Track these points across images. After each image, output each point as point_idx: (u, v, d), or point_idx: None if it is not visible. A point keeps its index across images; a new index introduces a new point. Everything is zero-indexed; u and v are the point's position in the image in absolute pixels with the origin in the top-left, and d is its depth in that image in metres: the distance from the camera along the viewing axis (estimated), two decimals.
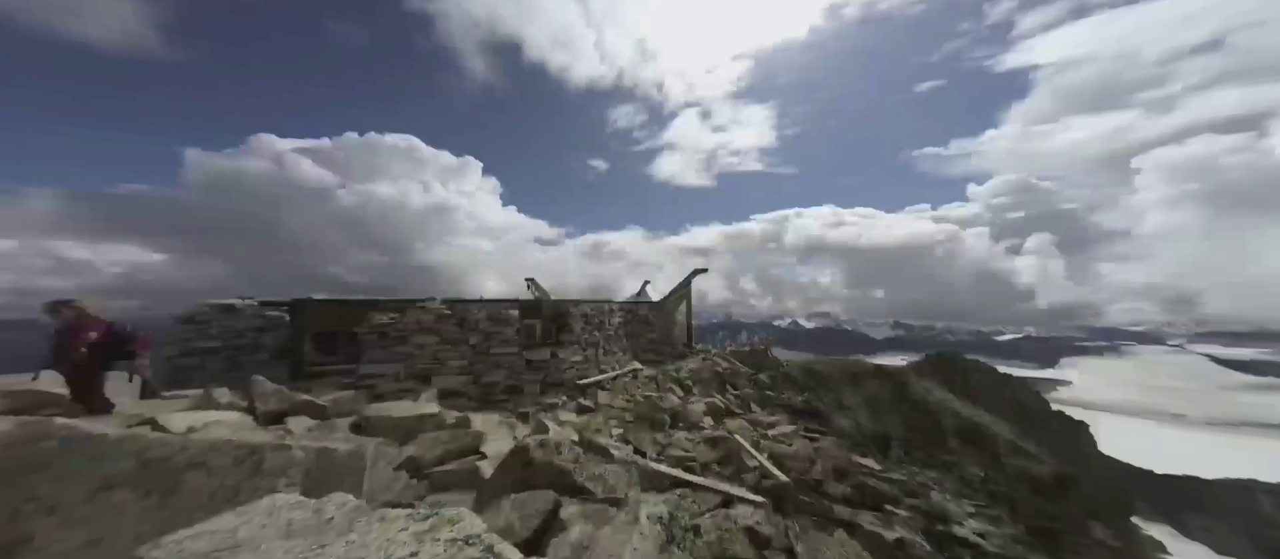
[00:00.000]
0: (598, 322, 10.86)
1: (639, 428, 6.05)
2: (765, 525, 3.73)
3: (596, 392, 8.19)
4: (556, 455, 3.51)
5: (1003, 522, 6.65)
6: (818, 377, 14.32)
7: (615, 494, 3.46)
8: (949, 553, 4.24)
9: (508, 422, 5.75)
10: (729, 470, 5.12)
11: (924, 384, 20.50)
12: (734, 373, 10.65)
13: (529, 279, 16.68)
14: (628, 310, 12.67)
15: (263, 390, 4.47)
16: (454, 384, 8.03)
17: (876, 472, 6.44)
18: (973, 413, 19.61)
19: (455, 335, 8.40)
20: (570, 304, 10.31)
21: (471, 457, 3.89)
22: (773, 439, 6.46)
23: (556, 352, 9.17)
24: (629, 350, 11.75)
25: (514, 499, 2.75)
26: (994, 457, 15.42)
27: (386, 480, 3.17)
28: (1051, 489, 14.79)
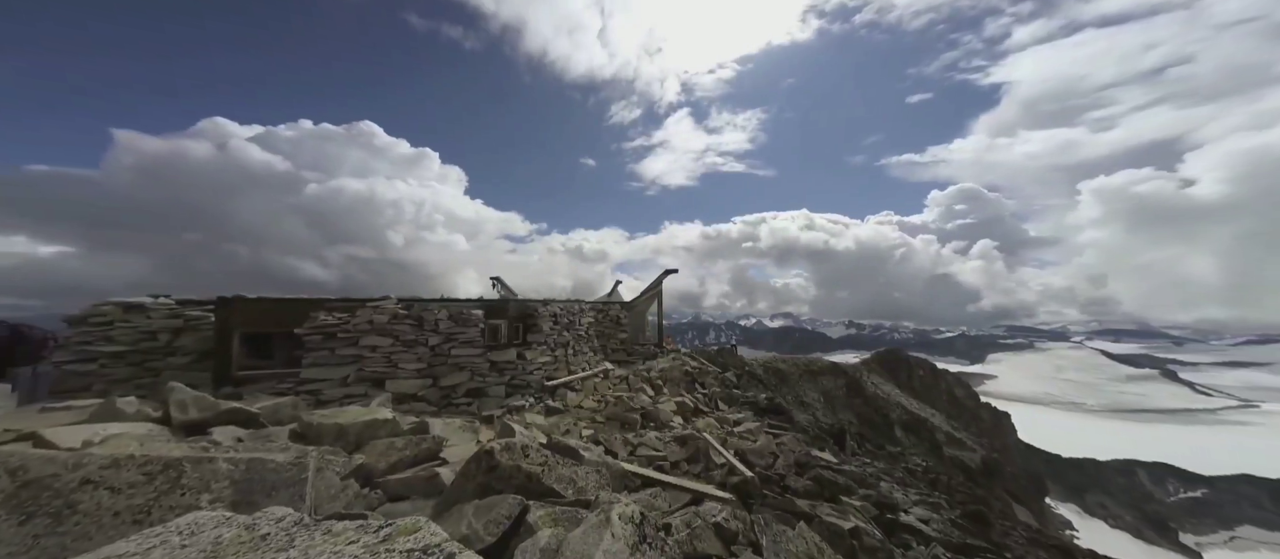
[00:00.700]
0: (567, 322, 10.66)
1: (610, 428, 5.98)
2: (732, 521, 3.80)
3: (566, 393, 8.02)
4: (524, 459, 3.39)
5: (942, 507, 7.23)
6: (780, 374, 14.98)
7: (586, 496, 3.39)
8: (897, 539, 4.53)
9: (470, 426, 5.48)
10: (698, 468, 5.19)
11: (874, 379, 22.04)
12: (703, 372, 10.85)
13: (494, 278, 16.13)
14: (599, 310, 12.54)
15: (180, 398, 3.94)
16: (411, 387, 7.55)
17: (833, 464, 6.80)
18: (916, 406, 21.34)
19: (412, 336, 7.91)
20: (538, 304, 10.04)
21: (431, 463, 3.65)
22: (739, 436, 6.63)
23: (523, 352, 8.89)
24: (599, 351, 11.64)
25: (477, 505, 2.60)
26: (934, 446, 16.85)
27: (334, 491, 2.90)
28: (981, 475, 16.37)
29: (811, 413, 11.73)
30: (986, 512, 8.58)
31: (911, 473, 10.19)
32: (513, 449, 3.46)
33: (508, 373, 8.45)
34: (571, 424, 6.11)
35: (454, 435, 4.82)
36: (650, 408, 6.99)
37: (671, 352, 13.02)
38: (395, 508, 3.06)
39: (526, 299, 10.92)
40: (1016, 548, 6.81)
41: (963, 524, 6.62)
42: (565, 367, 9.68)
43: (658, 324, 13.72)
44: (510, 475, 3.19)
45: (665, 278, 13.40)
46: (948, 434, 18.46)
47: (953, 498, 8.95)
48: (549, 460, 3.61)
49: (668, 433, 6.04)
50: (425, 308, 8.20)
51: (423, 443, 3.78)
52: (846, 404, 15.98)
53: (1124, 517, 46.49)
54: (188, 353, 6.73)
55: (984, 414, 31.05)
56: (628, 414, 6.59)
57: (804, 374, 16.13)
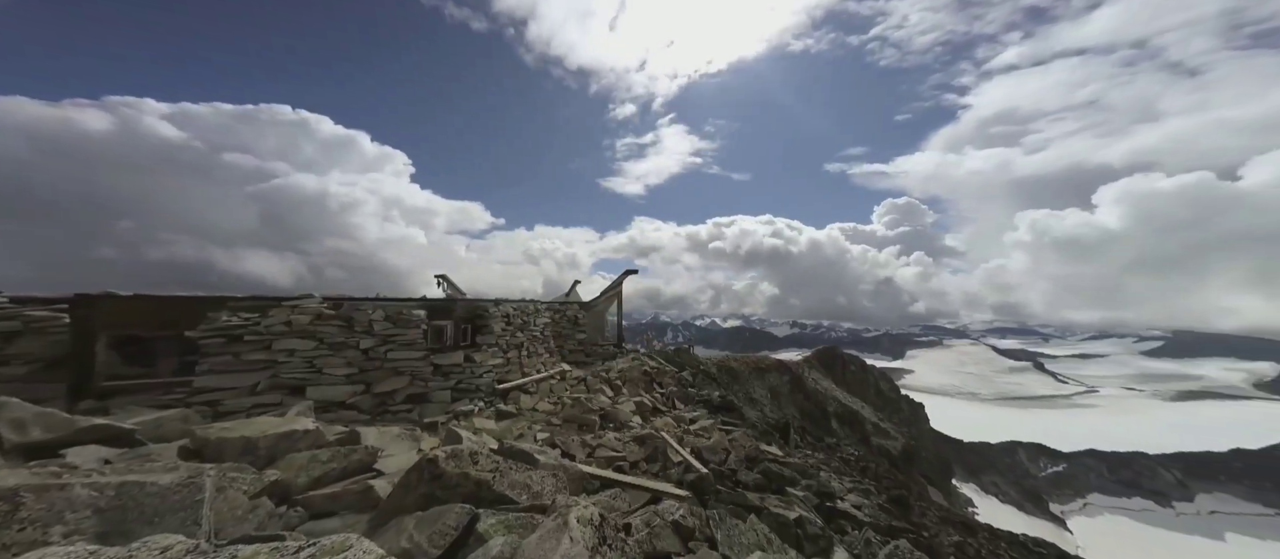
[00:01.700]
0: (521, 322, 10.20)
1: (567, 430, 5.80)
2: (690, 518, 3.85)
3: (519, 396, 7.65)
4: (472, 466, 3.16)
5: (871, 493, 7.93)
6: (732, 373, 15.64)
7: (542, 501, 3.24)
8: (835, 526, 4.84)
9: (411, 434, 5.00)
10: (657, 467, 5.20)
11: (814, 375, 23.86)
12: (661, 372, 10.96)
13: (440, 276, 15.06)
14: (556, 311, 12.17)
15: (15, 416, 3.14)
16: (338, 395, 6.74)
17: (779, 457, 7.19)
18: (849, 399, 23.43)
19: (340, 339, 7.08)
20: (489, 304, 9.51)
21: (363, 475, 3.27)
22: (695, 433, 6.77)
23: (472, 355, 8.34)
24: (556, 352, 11.29)
25: (419, 517, 2.37)
26: (863, 436, 18.59)
27: (241, 512, 2.47)
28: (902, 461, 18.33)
29: (760, 409, 12.38)
30: (907, 495, 9.60)
31: (846, 462, 11.11)
32: (459, 456, 3.21)
33: (454, 376, 7.88)
34: (526, 428, 5.83)
35: (391, 445, 4.37)
36: (609, 409, 6.90)
37: (630, 352, 13.01)
38: (320, 526, 2.68)
39: (476, 299, 10.30)
40: (931, 526, 7.67)
41: (888, 508, 7.31)
42: (519, 369, 9.26)
43: (617, 324, 13.66)
44: (457, 484, 2.96)
45: (625, 278, 13.39)
46: (875, 424, 20.53)
47: (880, 484, 9.89)
48: (501, 466, 3.40)
49: (627, 433, 6.00)
50: (356, 308, 7.39)
51: (353, 454, 3.37)
52: (790, 399, 17.13)
53: (1010, 492, 54.77)
54: (28, 361, 5.39)
55: (903, 405, 34.97)
56: (586, 416, 6.45)
57: (753, 372, 17.03)
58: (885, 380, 35.73)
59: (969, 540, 8.39)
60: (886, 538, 4.60)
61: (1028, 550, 9.86)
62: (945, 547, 6.64)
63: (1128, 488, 73.09)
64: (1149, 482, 73.90)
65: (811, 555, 3.91)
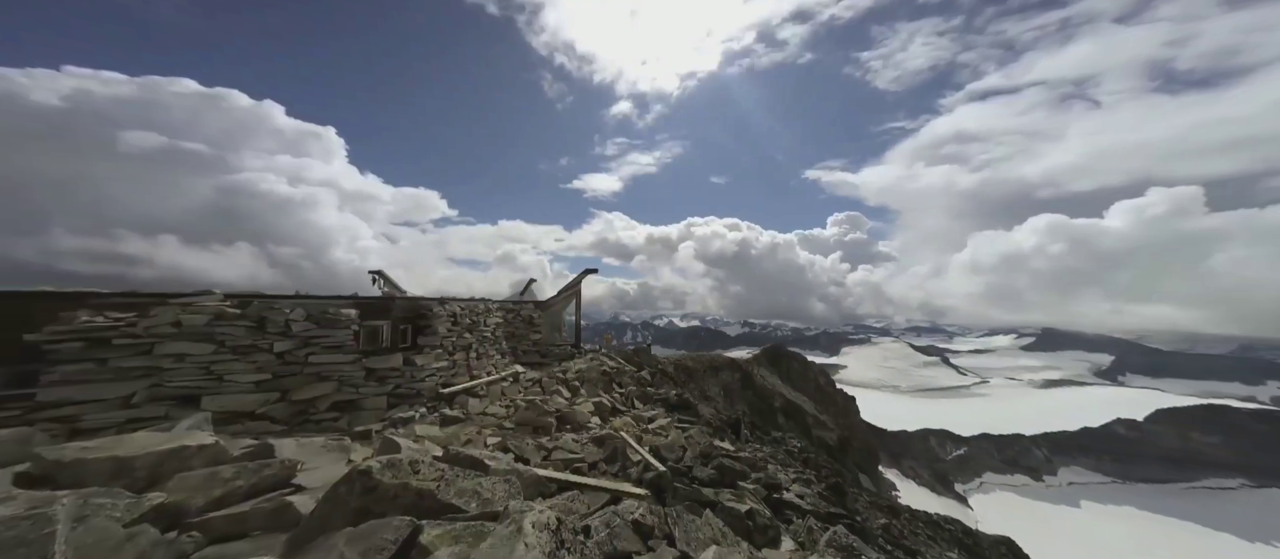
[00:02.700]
0: (470, 322, 9.58)
1: (521, 434, 5.52)
2: (649, 516, 3.84)
3: (467, 400, 7.15)
4: (412, 475, 2.89)
5: (812, 483, 8.50)
6: (688, 371, 16.02)
7: (493, 508, 3.04)
8: (782, 516, 5.09)
9: (339, 445, 4.45)
10: (616, 467, 5.13)
11: (762, 372, 25.21)
12: (620, 372, 10.87)
13: (375, 272, 13.73)
14: (509, 310, 11.60)
15: None
16: (245, 404, 5.82)
17: (732, 452, 7.46)
18: (792, 394, 25.06)
19: (249, 342, 6.14)
20: (433, 302, 8.81)
21: (279, 492, 2.83)
22: (653, 432, 6.79)
23: (412, 357, 7.67)
24: (509, 353, 10.75)
25: (351, 533, 2.10)
26: (805, 429, 19.98)
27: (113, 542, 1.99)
28: (838, 451, 19.95)
29: (714, 406, 12.78)
30: (843, 483, 10.44)
31: (790, 454, 11.83)
32: (397, 466, 2.93)
33: (391, 381, 7.17)
34: (475, 433, 5.45)
35: (314, 457, 3.85)
36: (567, 410, 6.69)
37: (589, 352, 12.77)
38: (227, 550, 2.26)
39: (417, 297, 9.50)
40: (863, 511, 8.40)
41: (827, 495, 7.87)
42: (466, 371, 8.68)
43: (576, 324, 13.34)
44: (395, 495, 2.68)
45: (585, 278, 13.13)
46: (815, 417, 22.17)
47: (819, 473, 10.66)
48: (446, 474, 3.16)
49: (585, 434, 5.85)
50: (270, 306, 6.45)
51: (265, 469, 2.90)
52: (741, 396, 17.94)
53: (924, 475, 62.06)
54: None
55: (838, 398, 38.18)
56: (541, 418, 6.19)
57: (708, 370, 17.59)
58: (823, 376, 38.76)
59: (894, 522, 9.33)
60: (826, 524, 4.91)
61: (939, 528, 11.22)
62: (875, 529, 7.30)
63: (1011, 466, 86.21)
64: (1025, 460, 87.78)
65: (762, 545, 4.07)
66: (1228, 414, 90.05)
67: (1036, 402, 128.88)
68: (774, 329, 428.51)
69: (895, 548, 6.81)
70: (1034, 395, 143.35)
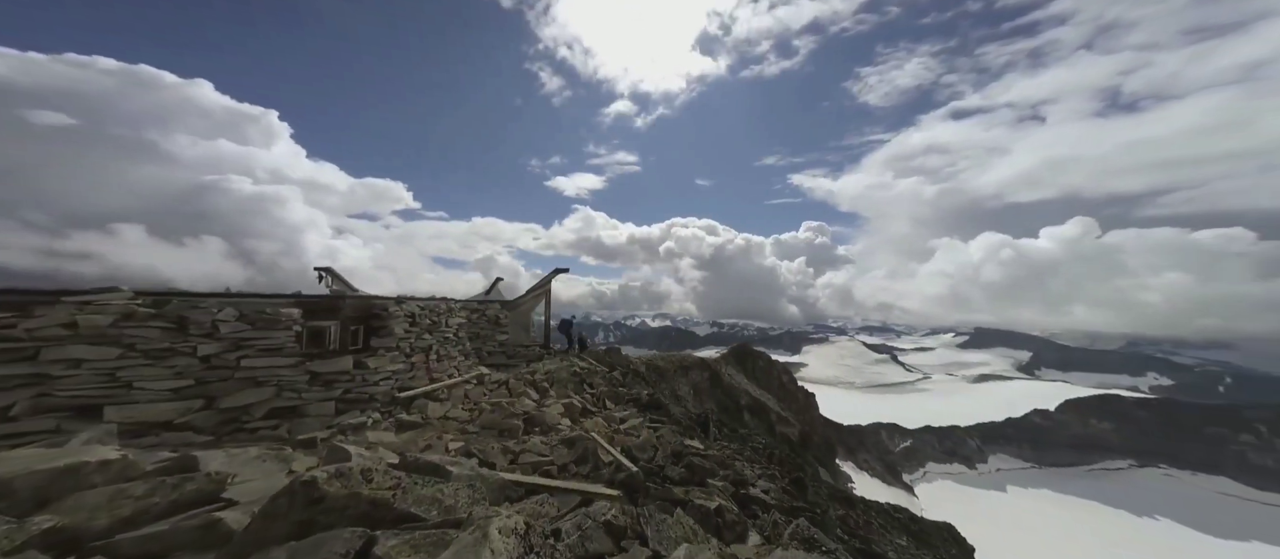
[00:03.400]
0: (429, 323, 9.03)
1: (486, 438, 5.25)
2: (621, 517, 3.78)
3: (426, 404, 6.72)
4: (365, 484, 2.65)
5: (776, 478, 8.78)
6: (659, 371, 16.07)
7: (456, 515, 2.85)
8: (748, 511, 5.19)
9: (278, 454, 4.00)
10: (587, 468, 5.01)
11: (729, 371, 25.85)
12: (592, 372, 10.68)
13: (322, 268, 12.64)
14: (474, 310, 11.05)
15: None
16: (160, 414, 5.12)
17: (701, 451, 7.54)
18: (758, 392, 25.89)
19: (166, 345, 5.41)
20: (389, 301, 8.22)
21: (206, 508, 2.48)
22: (625, 432, 6.72)
23: (365, 360, 7.10)
24: (472, 355, 10.24)
25: (294, 548, 1.88)
26: (769, 426, 20.69)
27: None
28: (799, 446, 20.82)
29: (684, 405, 12.88)
30: (804, 477, 10.86)
31: (756, 451, 12.18)
32: (347, 475, 2.68)
33: (340, 386, 6.59)
34: (434, 438, 5.12)
35: (248, 469, 3.43)
36: (535, 412, 6.45)
37: (559, 352, 12.44)
38: None
39: (371, 295, 8.82)
40: (822, 503, 8.78)
41: (789, 490, 8.15)
42: (426, 374, 8.16)
43: (545, 324, 12.94)
44: (345, 506, 2.43)
45: (555, 277, 12.78)
46: (778, 414, 23.02)
47: (782, 468, 11.04)
48: (403, 482, 2.93)
49: (555, 436, 5.67)
50: (193, 305, 5.72)
51: (186, 484, 2.53)
52: (710, 394, 18.27)
53: (876, 466, 66.31)
54: None
55: (799, 395, 39.92)
56: (507, 421, 5.93)
57: (678, 370, 17.76)
58: (786, 374, 40.40)
59: (850, 513, 9.85)
60: (789, 518, 5.04)
61: (890, 516, 12.00)
62: (833, 520, 7.64)
63: (949, 456, 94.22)
64: (961, 449, 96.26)
65: (731, 541, 4.11)
66: (1118, 403, 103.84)
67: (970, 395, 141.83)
68: (741, 329, 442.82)
69: (851, 537, 7.16)
70: (968, 389, 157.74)
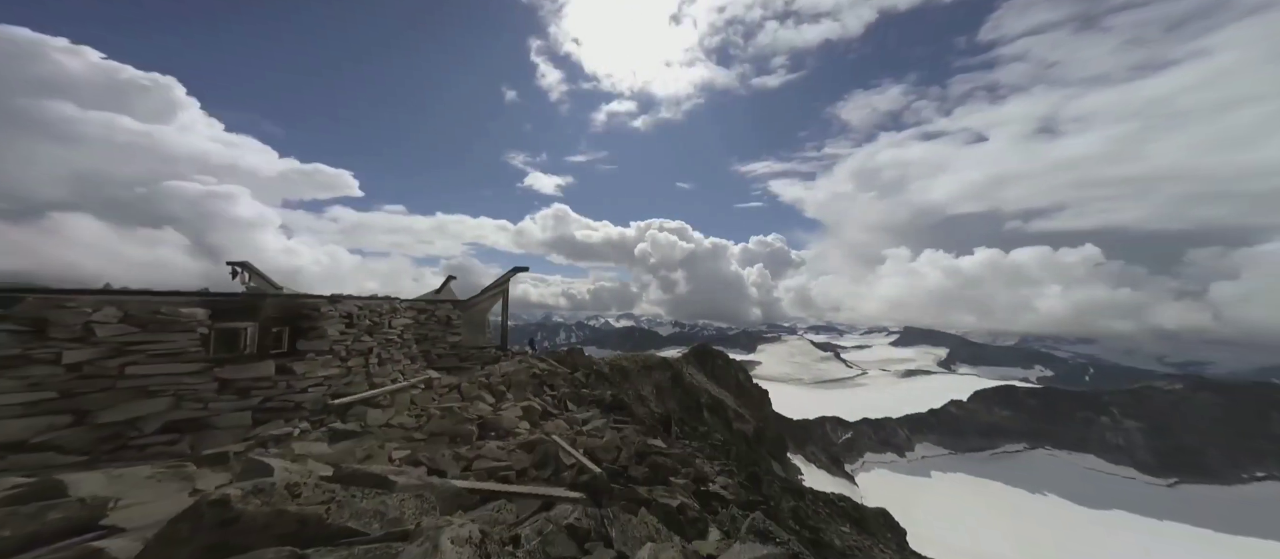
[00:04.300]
0: (370, 324, 8.23)
1: (436, 445, 4.86)
2: (585, 519, 3.69)
3: (365, 411, 6.09)
4: (292, 500, 2.35)
5: (734, 473, 9.05)
6: (623, 371, 15.96)
7: (402, 527, 2.61)
8: (709, 507, 5.28)
9: (178, 473, 3.41)
10: (548, 472, 4.82)
11: (690, 370, 26.36)
12: (552, 374, 10.32)
13: (237, 263, 11.11)
14: (422, 310, 10.24)
15: None
16: (10, 433, 4.16)
17: (663, 450, 7.58)
18: (717, 390, 26.67)
19: (15, 351, 4.44)
20: (321, 301, 7.39)
21: (80, 538, 2.03)
22: (588, 434, 6.58)
23: (291, 365, 6.31)
24: (420, 358, 9.47)
25: None
26: (727, 422, 21.37)
27: None
28: (754, 441, 21.70)
29: (647, 405, 12.90)
30: (759, 472, 11.31)
31: (715, 447, 12.49)
32: (268, 491, 2.35)
33: (258, 394, 5.78)
34: (376, 448, 4.66)
35: (138, 491, 2.88)
36: (491, 416, 6.10)
37: (519, 354, 11.86)
38: None
39: (298, 294, 7.86)
40: (776, 496, 9.19)
41: (746, 484, 8.43)
42: (365, 379, 7.42)
43: (502, 325, 12.27)
44: (266, 524, 2.12)
45: (514, 275, 12.19)
46: (735, 411, 23.86)
47: (739, 464, 11.41)
48: (338, 495, 2.64)
49: (512, 440, 5.40)
50: (58, 305, 4.74)
51: (49, 511, 2.06)
52: (672, 394, 18.49)
53: (822, 458, 70.95)
54: None
55: (754, 392, 41.69)
56: (460, 427, 5.55)
57: (641, 370, 17.76)
58: (742, 372, 42.05)
59: (801, 504, 10.40)
60: (746, 512, 5.19)
61: (834, 505, 12.84)
62: (786, 512, 8.01)
63: (883, 445, 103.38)
64: (893, 439, 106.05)
65: (693, 538, 4.16)
66: (1013, 393, 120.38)
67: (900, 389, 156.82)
68: (701, 329, 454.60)
69: (802, 527, 7.54)
70: (898, 384, 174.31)
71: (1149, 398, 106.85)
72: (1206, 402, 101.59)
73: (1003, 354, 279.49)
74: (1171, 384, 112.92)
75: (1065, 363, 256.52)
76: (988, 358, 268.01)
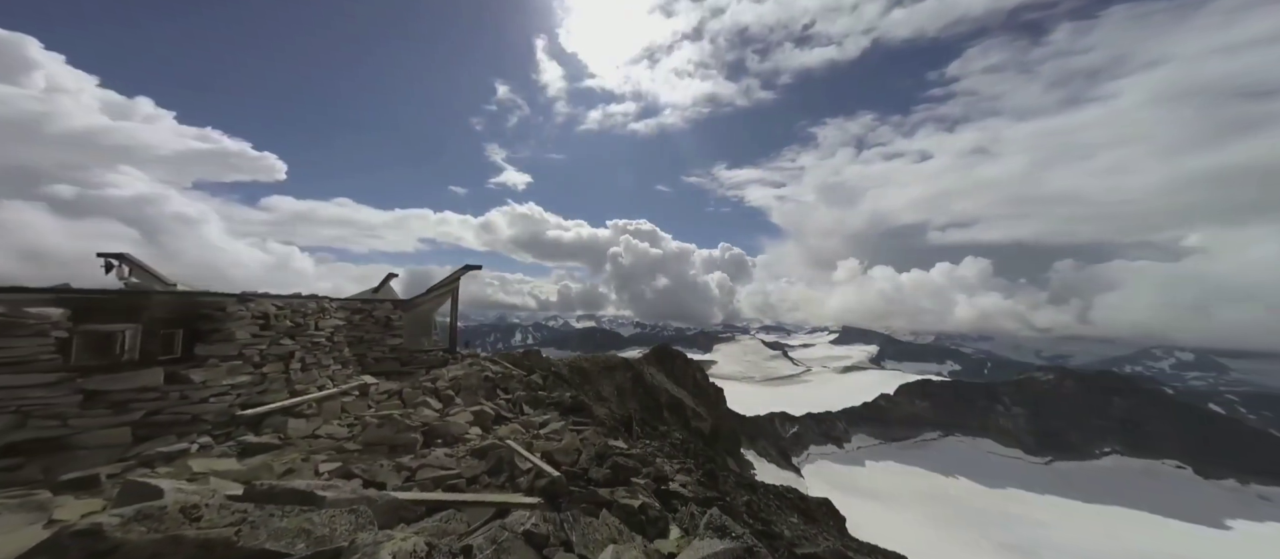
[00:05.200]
0: (292, 326, 7.25)
1: (373, 455, 4.37)
2: (543, 524, 3.53)
3: (285, 421, 5.33)
4: (190, 523, 2.01)
5: (692, 471, 9.19)
6: (583, 372, 15.59)
7: (332, 545, 2.31)
8: (669, 505, 5.29)
9: (26, 501, 2.72)
10: (502, 478, 4.54)
11: (651, 370, 26.52)
12: (507, 376, 9.76)
13: (112, 256, 9.30)
14: (357, 310, 9.22)
15: None
16: None
17: (625, 450, 7.50)
18: (676, 390, 27.07)
19: None
20: (228, 299, 6.38)
21: None
22: (545, 437, 6.32)
23: (187, 373, 5.37)
24: (354, 362, 8.52)
25: None
26: (685, 421, 21.76)
27: None
28: (711, 439, 22.30)
29: (608, 406, 12.71)
30: (716, 468, 11.60)
31: (674, 446, 12.63)
32: (156, 516, 1.99)
33: (140, 406, 4.85)
34: (299, 461, 4.09)
35: None
36: (437, 423, 5.63)
37: (470, 357, 11.05)
38: None
39: (194, 291, 6.72)
40: (731, 492, 9.48)
41: (704, 481, 8.60)
42: (285, 387, 6.52)
43: (450, 326, 11.37)
44: (155, 554, 1.78)
45: (464, 273, 11.37)
46: (693, 410, 24.38)
47: (697, 462, 11.63)
48: (252, 516, 2.29)
49: (462, 447, 5.02)
50: None
51: None
52: (633, 394, 18.43)
53: (771, 452, 74.76)
54: None
55: (711, 391, 42.95)
56: (401, 436, 5.06)
57: (602, 371, 17.49)
58: (700, 371, 43.14)
59: (753, 497, 10.81)
60: (704, 508, 5.28)
61: (783, 497, 13.52)
62: (740, 506, 8.28)
63: (825, 438, 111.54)
64: (833, 431, 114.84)
65: (654, 537, 4.14)
66: (930, 385, 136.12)
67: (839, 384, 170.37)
68: (662, 329, 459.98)
69: (754, 520, 7.82)
70: (837, 379, 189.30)
71: (1029, 387, 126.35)
72: (1069, 389, 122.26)
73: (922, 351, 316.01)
74: (1046, 375, 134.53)
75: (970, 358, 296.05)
76: (910, 354, 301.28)
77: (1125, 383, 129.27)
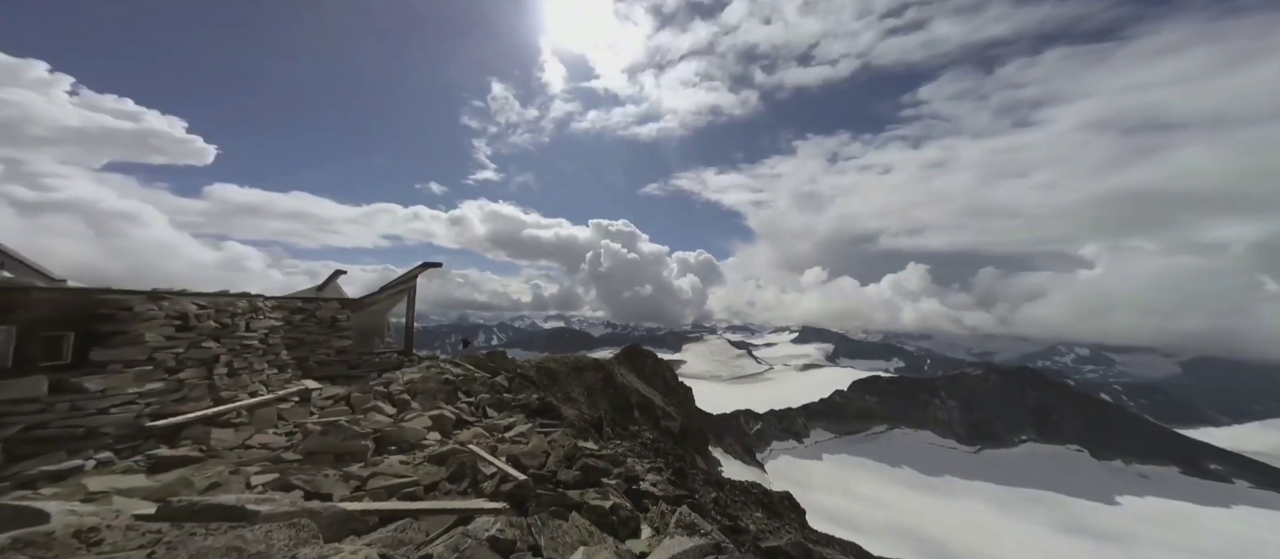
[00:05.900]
0: (217, 327, 6.45)
1: (315, 465, 3.97)
2: (509, 530, 3.38)
3: (209, 432, 4.72)
4: (86, 549, 1.73)
5: (663, 470, 9.24)
6: (551, 374, 15.13)
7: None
8: (640, 505, 5.27)
9: None
10: (464, 484, 4.30)
11: (621, 371, 26.32)
12: (469, 379, 9.25)
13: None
14: (297, 310, 8.37)
15: None
16: None
17: (595, 452, 7.38)
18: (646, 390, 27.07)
19: None
20: (135, 297, 5.58)
21: None
22: (511, 440, 6.07)
23: (80, 380, 4.62)
24: (293, 366, 7.72)
25: None
26: (656, 421, 21.83)
27: None
28: (681, 438, 22.53)
29: (578, 407, 12.44)
30: (685, 467, 11.72)
31: (645, 446, 12.63)
32: (40, 543, 1.73)
33: (16, 420, 4.11)
34: (227, 474, 3.63)
35: None
36: (391, 429, 5.23)
37: (428, 359, 10.34)
38: None
39: (89, 288, 5.80)
40: (700, 489, 9.62)
41: (674, 480, 8.67)
42: (208, 394, 5.79)
43: (406, 327, 10.58)
44: None
45: (422, 271, 10.63)
46: (663, 409, 24.50)
47: (667, 460, 11.70)
48: (167, 536, 2.01)
49: (419, 454, 4.70)
50: None
51: None
52: (604, 395, 18.18)
53: (737, 449, 76.83)
54: None
55: (680, 390, 43.43)
56: (349, 444, 4.65)
57: (571, 372, 17.08)
58: (669, 371, 43.52)
59: (721, 494, 11.04)
60: (674, 506, 5.32)
61: (748, 493, 13.92)
62: (709, 504, 8.42)
63: (786, 434, 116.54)
64: (793, 427, 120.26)
65: (625, 537, 4.12)
66: (878, 381, 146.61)
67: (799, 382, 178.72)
68: (632, 329, 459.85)
69: (722, 516, 7.99)
70: (798, 377, 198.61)
71: (961, 382, 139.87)
72: (994, 382, 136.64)
73: (871, 348, 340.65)
74: (975, 370, 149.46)
75: (913, 355, 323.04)
76: (861, 352, 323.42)
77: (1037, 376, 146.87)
